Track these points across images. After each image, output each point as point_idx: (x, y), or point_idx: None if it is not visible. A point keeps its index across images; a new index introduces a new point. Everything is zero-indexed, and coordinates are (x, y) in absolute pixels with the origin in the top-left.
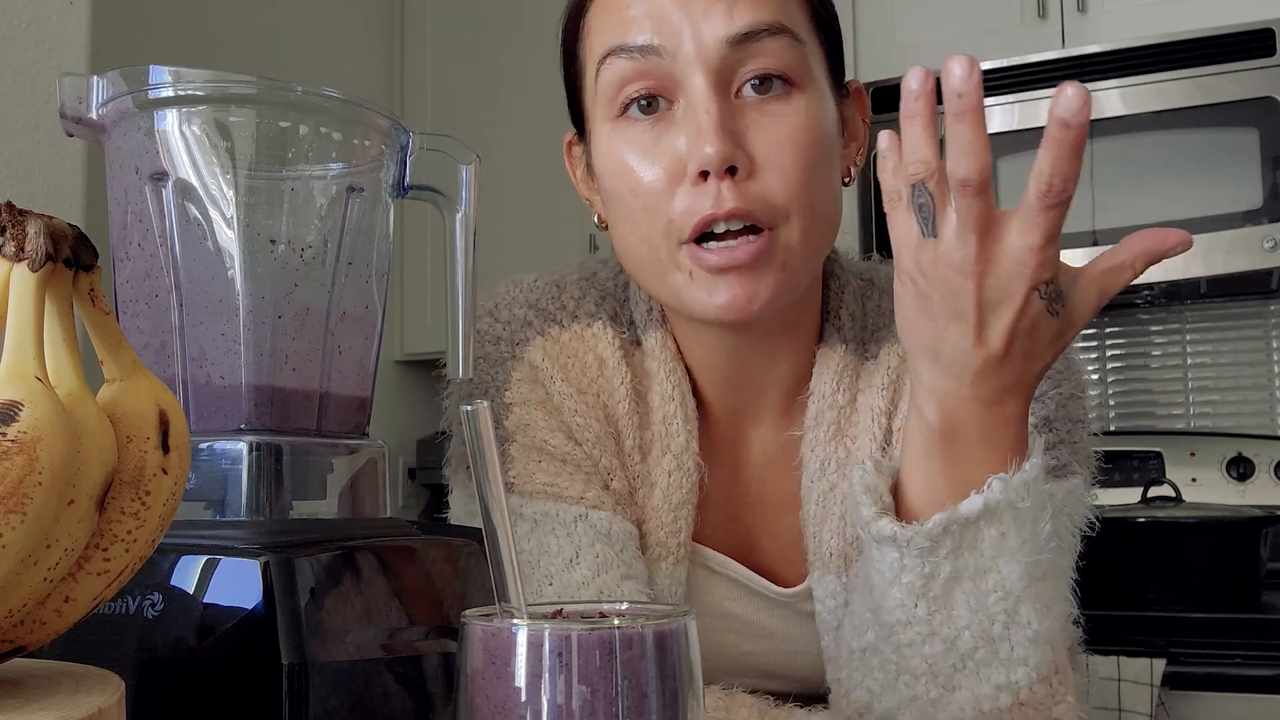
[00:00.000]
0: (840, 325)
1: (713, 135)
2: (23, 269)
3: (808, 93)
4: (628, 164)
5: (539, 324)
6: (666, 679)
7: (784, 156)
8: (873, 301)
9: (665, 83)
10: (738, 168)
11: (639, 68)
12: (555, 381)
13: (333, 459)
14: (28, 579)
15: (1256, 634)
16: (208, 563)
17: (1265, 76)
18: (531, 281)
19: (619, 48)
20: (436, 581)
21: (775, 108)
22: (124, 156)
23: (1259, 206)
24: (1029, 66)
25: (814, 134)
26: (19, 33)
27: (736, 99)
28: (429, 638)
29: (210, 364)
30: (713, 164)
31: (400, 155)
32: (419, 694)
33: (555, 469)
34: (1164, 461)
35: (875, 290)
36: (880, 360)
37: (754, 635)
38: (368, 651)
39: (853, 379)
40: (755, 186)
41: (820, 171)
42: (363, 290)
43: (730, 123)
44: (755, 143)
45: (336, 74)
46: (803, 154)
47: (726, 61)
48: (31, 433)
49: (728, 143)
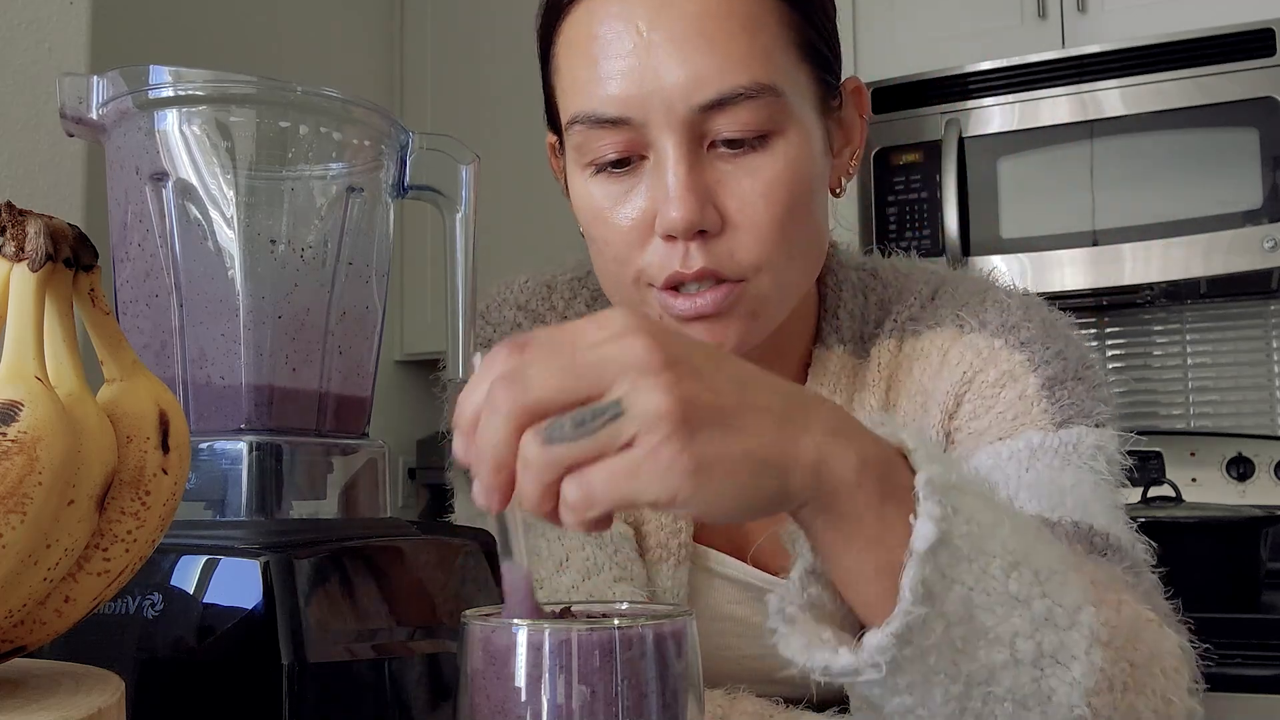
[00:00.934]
0: (839, 325)
1: (679, 201)
2: (23, 269)
3: (788, 137)
4: (600, 216)
5: (528, 326)
6: (667, 679)
7: (757, 213)
8: (875, 294)
9: (636, 144)
10: (706, 229)
11: (609, 135)
12: None
13: (333, 459)
14: (28, 579)
15: (1256, 634)
16: (208, 563)
17: (1265, 76)
18: (523, 283)
19: (588, 117)
20: (436, 582)
21: (750, 160)
22: (124, 156)
23: (1259, 206)
24: (1029, 66)
25: (792, 182)
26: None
27: (710, 151)
28: (429, 638)
29: (210, 364)
30: (679, 230)
31: (400, 155)
32: (419, 694)
33: None
34: (1164, 461)
35: (879, 282)
36: (872, 358)
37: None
38: (367, 651)
39: (850, 379)
40: (725, 245)
41: (798, 219)
42: (363, 290)
43: (700, 182)
44: (727, 198)
45: (336, 74)
46: (778, 207)
47: (697, 122)
48: (31, 433)
49: (694, 207)
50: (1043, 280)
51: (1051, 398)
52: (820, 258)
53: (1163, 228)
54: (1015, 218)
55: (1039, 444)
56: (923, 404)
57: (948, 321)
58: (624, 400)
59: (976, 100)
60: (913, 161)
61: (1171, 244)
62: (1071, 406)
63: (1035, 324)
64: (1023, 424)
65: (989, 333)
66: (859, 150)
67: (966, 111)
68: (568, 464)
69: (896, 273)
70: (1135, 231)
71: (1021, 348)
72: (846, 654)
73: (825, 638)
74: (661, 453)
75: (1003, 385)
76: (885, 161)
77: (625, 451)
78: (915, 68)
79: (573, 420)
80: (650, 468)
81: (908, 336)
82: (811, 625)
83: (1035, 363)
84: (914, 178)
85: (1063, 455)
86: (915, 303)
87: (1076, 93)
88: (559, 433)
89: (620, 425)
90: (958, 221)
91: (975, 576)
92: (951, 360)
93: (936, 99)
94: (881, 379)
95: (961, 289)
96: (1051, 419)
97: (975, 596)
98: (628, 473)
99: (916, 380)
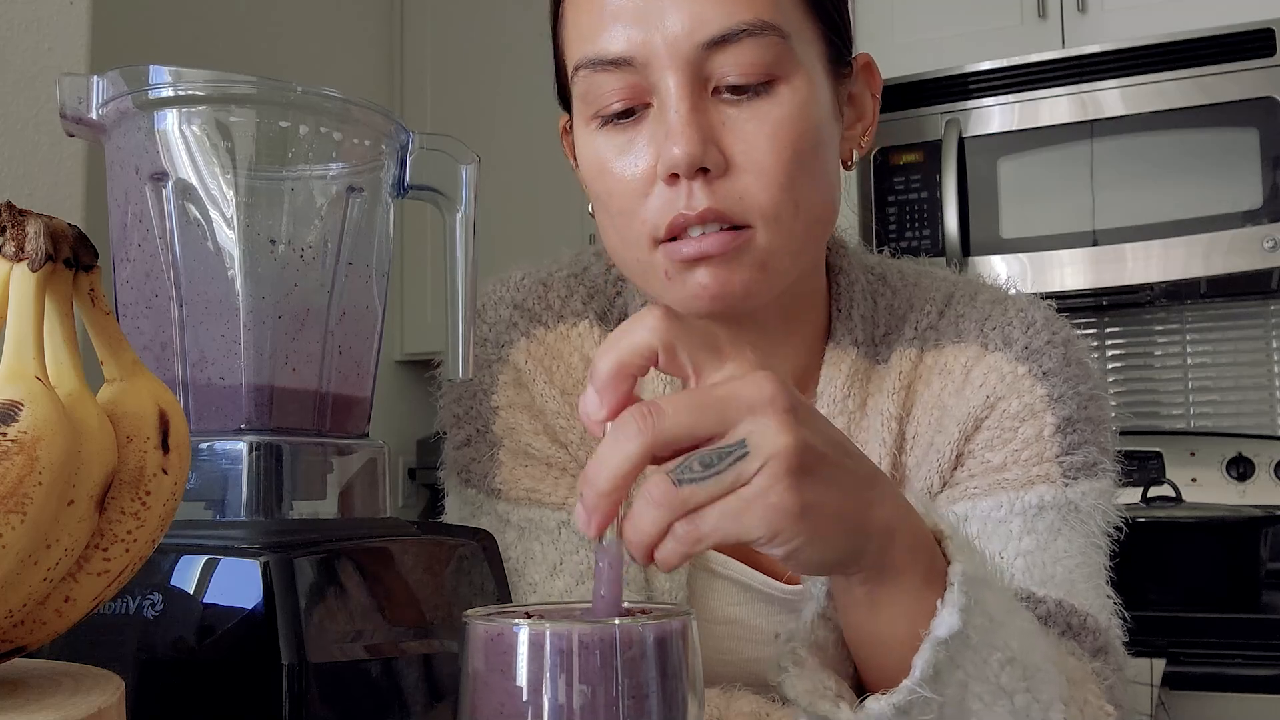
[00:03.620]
0: (852, 325)
1: (680, 136)
2: (23, 269)
3: (793, 83)
4: (605, 168)
5: (523, 325)
6: (667, 678)
7: (763, 156)
8: (885, 300)
9: (640, 90)
10: (709, 168)
11: (613, 80)
12: (538, 384)
13: (333, 459)
14: (28, 579)
15: (1256, 634)
16: (208, 563)
17: (1265, 76)
18: (518, 280)
19: (591, 60)
20: (436, 582)
21: (756, 105)
22: (124, 157)
23: (1259, 206)
24: (1029, 66)
25: (800, 128)
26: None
27: (714, 95)
28: (429, 638)
29: (210, 364)
30: (680, 166)
31: (400, 155)
32: (418, 694)
33: (539, 473)
34: (1164, 461)
35: (888, 288)
36: (891, 364)
37: (758, 641)
38: (367, 651)
39: (863, 382)
40: (730, 186)
41: (807, 167)
42: (363, 290)
43: (703, 120)
44: (731, 141)
45: (336, 74)
46: (785, 151)
47: (701, 61)
48: (31, 433)
49: (697, 143)
50: (1043, 280)
51: (1064, 442)
52: (829, 222)
53: (1163, 228)
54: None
55: (1048, 502)
56: (939, 419)
57: (971, 337)
58: (749, 440)
59: (976, 100)
60: (913, 161)
61: (1171, 244)
62: (1080, 456)
63: (1058, 350)
64: (1035, 476)
65: (1013, 355)
66: (871, 127)
67: (966, 111)
68: (692, 505)
69: (904, 279)
70: (1135, 231)
71: (1044, 379)
72: (847, 712)
73: (829, 686)
74: (773, 492)
75: (1023, 419)
76: (885, 161)
77: (739, 490)
78: (915, 68)
79: (700, 461)
80: (760, 506)
81: (929, 347)
82: (818, 671)
83: (1054, 398)
84: (914, 178)
85: (1064, 515)
86: (931, 310)
87: (1076, 93)
88: (688, 474)
89: (745, 465)
90: (958, 221)
91: (976, 666)
92: (974, 380)
93: (936, 99)
94: (901, 387)
95: (980, 299)
96: (1063, 473)
97: (971, 684)
98: (738, 511)
99: (936, 394)
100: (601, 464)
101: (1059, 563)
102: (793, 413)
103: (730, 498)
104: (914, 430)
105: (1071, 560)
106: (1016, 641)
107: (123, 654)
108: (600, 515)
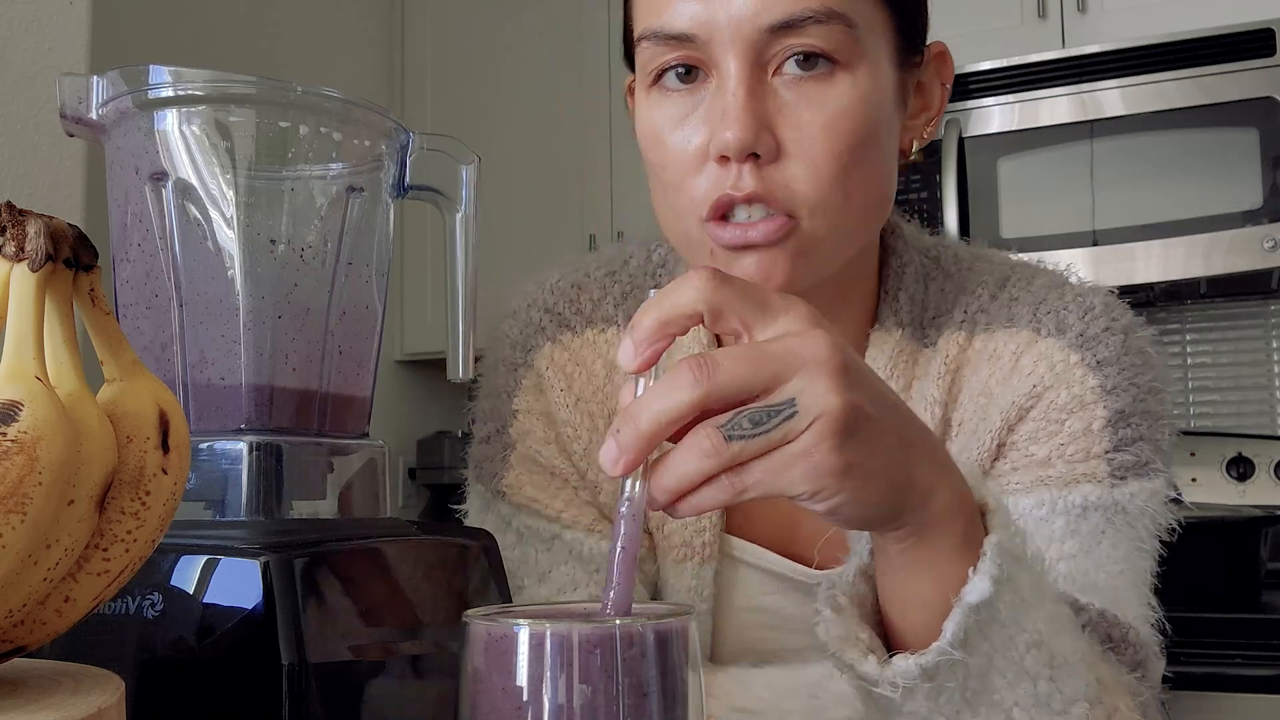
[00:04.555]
0: (898, 308)
1: (734, 120)
2: (23, 269)
3: (855, 73)
4: (659, 138)
5: (551, 330)
6: (668, 678)
7: (815, 145)
8: (936, 284)
9: (700, 65)
10: (761, 154)
11: (674, 54)
12: (555, 390)
13: (333, 459)
14: (28, 579)
15: (1256, 634)
16: (208, 563)
17: (1265, 76)
18: (554, 282)
19: (655, 33)
20: (436, 581)
21: (814, 90)
22: (124, 157)
23: (1259, 206)
24: (1029, 66)
25: (856, 120)
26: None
27: (775, 76)
28: (429, 638)
29: (210, 364)
30: (731, 149)
31: (400, 155)
32: (418, 694)
33: (542, 482)
34: None
35: (940, 272)
36: (939, 347)
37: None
38: (367, 651)
39: (908, 365)
40: (779, 173)
41: (860, 159)
42: (363, 290)
43: (759, 105)
44: (785, 127)
45: (336, 74)
46: (839, 143)
47: (763, 44)
48: (31, 433)
49: (750, 129)
50: None
51: (1114, 437)
52: (881, 211)
53: (1163, 228)
54: (1015, 218)
55: (1093, 502)
56: (984, 406)
57: (1024, 321)
58: (799, 399)
59: (976, 100)
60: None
61: (1171, 244)
62: (1131, 454)
63: (1116, 338)
64: (1081, 475)
65: (1066, 342)
66: (937, 117)
67: (966, 111)
68: (739, 460)
69: (959, 263)
70: (1135, 231)
71: (1097, 369)
72: (873, 665)
73: (861, 637)
74: (818, 451)
75: (1071, 412)
76: None
77: (784, 447)
78: None
79: (750, 419)
80: (804, 464)
81: (979, 331)
82: (855, 620)
83: (1107, 389)
84: (914, 178)
85: (1109, 517)
86: (984, 293)
87: (1076, 93)
88: (738, 431)
89: (793, 424)
90: (957, 221)
91: (1003, 641)
92: (1024, 368)
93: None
94: (948, 371)
95: (1037, 282)
96: (1110, 472)
97: (995, 659)
98: (782, 467)
99: (983, 380)
100: (647, 406)
101: (1102, 569)
102: (844, 372)
103: (775, 454)
104: (959, 417)
105: (1116, 567)
106: (1046, 626)
107: (123, 654)
108: (632, 455)
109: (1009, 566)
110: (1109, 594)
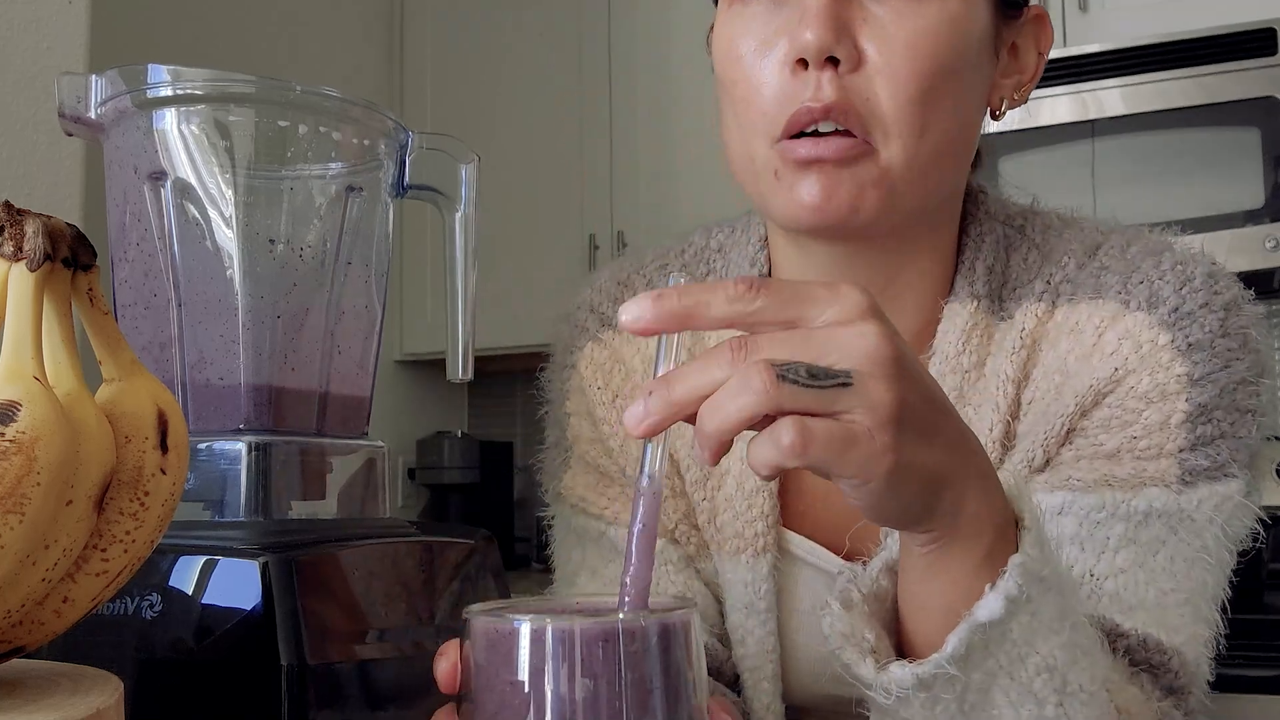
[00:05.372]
0: (974, 279)
1: (815, 20)
2: (21, 269)
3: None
4: (733, 50)
5: (594, 329)
6: (670, 672)
7: (899, 60)
8: (1019, 254)
9: None
10: (840, 60)
11: None
12: (593, 388)
13: (332, 459)
14: (26, 579)
15: (1256, 634)
16: (206, 563)
17: (1266, 76)
18: (602, 281)
19: None
20: (435, 581)
21: (903, 6)
22: (123, 156)
23: (1260, 206)
24: None
25: (944, 43)
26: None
27: None
28: (428, 638)
29: (209, 364)
30: (810, 51)
31: (400, 155)
32: (418, 694)
33: (591, 481)
34: None
35: (1025, 241)
36: (1015, 321)
37: None
38: (366, 651)
39: (982, 340)
40: (859, 84)
41: (942, 87)
42: (362, 290)
43: (843, 11)
44: (869, 39)
45: (336, 74)
46: (923, 62)
47: None
48: (30, 433)
49: (830, 29)
50: None
51: (1192, 434)
52: (961, 159)
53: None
54: None
55: (1157, 509)
56: (1059, 385)
57: (1111, 292)
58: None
59: None
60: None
61: None
62: (1206, 455)
63: (1214, 316)
64: (1148, 477)
65: (1157, 318)
66: (1029, 84)
67: None
68: (789, 407)
69: (1047, 231)
70: None
71: (1187, 353)
72: (870, 667)
73: (866, 638)
74: (875, 441)
75: (1150, 402)
76: None
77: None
78: None
79: (809, 370)
80: (864, 449)
81: (1061, 302)
82: (863, 619)
83: (1194, 379)
84: None
85: (1172, 525)
86: (1070, 262)
87: (1077, 92)
88: (793, 374)
89: (847, 397)
90: None
91: (1011, 661)
92: (1106, 346)
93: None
94: (1023, 346)
95: (1132, 249)
96: (1180, 475)
97: (1000, 677)
98: (845, 443)
99: (1061, 356)
100: (683, 378)
101: (1154, 584)
102: (895, 364)
103: (843, 426)
104: (1031, 395)
105: (1169, 582)
106: (1063, 654)
107: (121, 654)
108: (657, 419)
109: (1030, 588)
110: (1156, 614)
